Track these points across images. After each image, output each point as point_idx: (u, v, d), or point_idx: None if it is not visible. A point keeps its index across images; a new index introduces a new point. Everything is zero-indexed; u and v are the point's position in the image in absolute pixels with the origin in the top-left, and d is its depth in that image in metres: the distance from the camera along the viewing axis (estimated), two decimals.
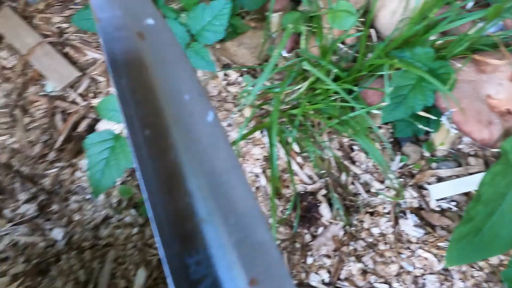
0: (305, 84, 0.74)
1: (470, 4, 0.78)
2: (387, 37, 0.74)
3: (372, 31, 0.88)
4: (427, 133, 0.85)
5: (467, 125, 0.62)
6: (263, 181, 0.80)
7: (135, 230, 0.75)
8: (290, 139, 0.78)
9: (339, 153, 0.84)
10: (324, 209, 0.78)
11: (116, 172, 0.63)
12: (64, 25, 0.97)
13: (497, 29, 0.80)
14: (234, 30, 0.88)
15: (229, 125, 0.84)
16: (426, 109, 0.69)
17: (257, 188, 0.79)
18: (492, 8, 0.60)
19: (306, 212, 0.78)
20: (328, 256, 0.74)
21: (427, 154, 0.83)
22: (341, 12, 0.79)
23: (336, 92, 0.77)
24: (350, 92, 0.75)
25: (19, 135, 0.82)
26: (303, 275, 0.74)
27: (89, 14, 0.86)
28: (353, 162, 0.84)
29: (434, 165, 0.82)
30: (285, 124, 0.78)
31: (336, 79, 0.77)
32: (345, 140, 0.85)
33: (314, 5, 0.86)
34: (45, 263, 0.70)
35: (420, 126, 0.72)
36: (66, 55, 0.93)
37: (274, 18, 0.90)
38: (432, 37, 0.73)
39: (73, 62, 0.93)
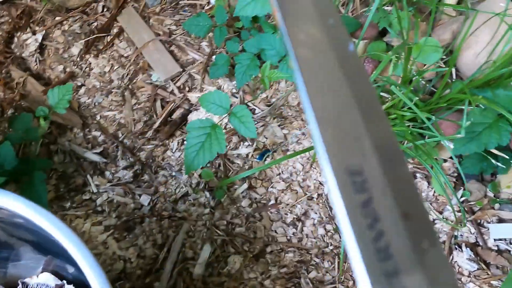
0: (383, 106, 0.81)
1: None
2: (470, 76, 0.79)
3: (453, 69, 0.93)
4: (493, 174, 0.87)
5: None
6: (326, 189, 0.87)
7: (206, 210, 0.85)
8: None
9: None
10: None
11: (209, 155, 0.73)
12: (173, 27, 1.13)
13: None
14: None
15: (303, 133, 0.92)
16: (499, 149, 0.72)
17: (319, 195, 0.86)
18: None
19: None
20: None
21: (490, 194, 0.85)
22: (427, 48, 0.85)
23: (411, 120, 0.83)
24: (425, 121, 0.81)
25: (126, 113, 0.98)
26: None
27: (198, 21, 1.01)
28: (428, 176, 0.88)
29: (496, 206, 0.83)
30: None
31: (411, 108, 0.82)
32: (410, 166, 0.89)
33: (401, 37, 0.93)
34: (132, 222, 0.82)
35: (494, 162, 0.74)
36: (172, 53, 1.09)
37: (360, 45, 0.98)
38: None
39: (177, 59, 1.08)
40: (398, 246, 0.15)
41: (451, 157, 0.90)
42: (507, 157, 0.71)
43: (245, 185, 0.87)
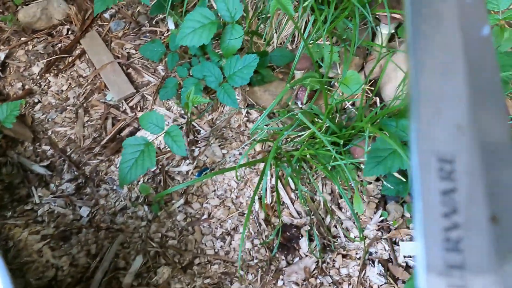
0: (306, 133, 0.89)
1: None
2: (384, 107, 0.88)
3: (377, 99, 1.02)
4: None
5: None
6: (257, 206, 0.93)
7: (143, 223, 0.90)
8: (287, 175, 0.91)
9: (329, 197, 0.95)
10: (303, 242, 0.88)
11: (141, 170, 0.80)
12: (133, 51, 1.21)
13: None
14: (262, 78, 1.06)
15: (240, 153, 0.99)
16: (402, 172, 0.80)
17: (251, 211, 0.92)
18: None
19: (287, 241, 0.89)
20: (297, 284, 0.84)
21: (408, 214, 0.92)
22: (349, 80, 0.94)
23: (334, 143, 0.91)
24: (344, 145, 0.89)
25: (77, 129, 1.04)
26: None
27: (152, 47, 1.10)
28: (340, 208, 0.95)
29: (411, 225, 0.90)
30: (285, 162, 0.92)
31: (334, 132, 0.90)
32: (336, 187, 0.97)
33: (329, 69, 1.02)
34: (69, 232, 0.87)
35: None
36: (128, 75, 1.16)
37: (297, 74, 1.07)
38: None
39: (133, 81, 1.15)
40: (473, 244, 0.15)
41: (377, 179, 0.98)
42: (404, 179, 0.79)
43: (182, 200, 0.93)
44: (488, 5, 0.94)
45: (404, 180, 0.87)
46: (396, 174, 0.86)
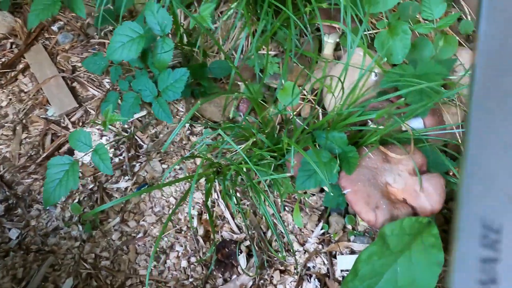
0: (243, 146, 0.87)
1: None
2: (320, 119, 0.86)
3: (320, 109, 1.01)
4: None
5: (357, 205, 0.70)
6: (195, 222, 0.91)
7: (77, 243, 0.87)
8: (223, 190, 0.89)
9: (271, 211, 0.94)
10: (241, 258, 0.86)
11: (64, 190, 0.77)
12: (79, 64, 1.18)
13: (419, 126, 0.90)
14: (205, 91, 1.04)
15: (181, 168, 0.97)
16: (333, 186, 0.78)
17: (188, 227, 0.90)
18: (379, 112, 0.71)
19: (225, 258, 0.86)
20: None
21: (349, 226, 0.91)
22: (287, 90, 0.93)
23: (270, 157, 0.89)
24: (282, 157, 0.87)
25: (13, 147, 1.00)
26: None
27: (95, 60, 1.07)
28: (282, 221, 0.93)
29: (352, 237, 0.89)
30: (226, 176, 0.90)
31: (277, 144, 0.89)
32: (279, 200, 0.95)
33: (268, 81, 1.01)
34: None
35: None
36: (73, 89, 1.13)
37: (242, 86, 1.06)
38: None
39: (77, 95, 1.13)
40: None
41: (321, 190, 0.97)
42: (332, 194, 0.78)
43: (118, 219, 0.90)
44: (422, 14, 0.94)
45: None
46: None
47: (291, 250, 0.87)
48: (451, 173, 0.87)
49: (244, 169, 0.87)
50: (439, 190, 0.72)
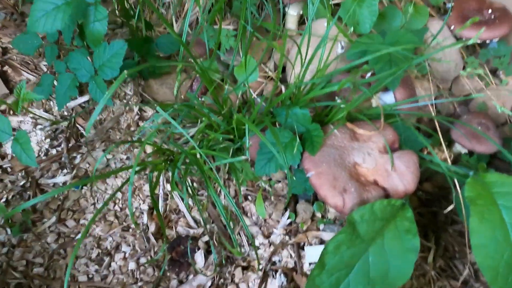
0: (194, 130, 0.76)
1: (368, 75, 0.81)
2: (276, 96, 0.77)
3: (283, 86, 0.92)
4: None
5: (322, 189, 0.62)
6: (145, 218, 0.80)
7: (4, 249, 0.74)
8: (173, 180, 0.79)
9: (233, 201, 0.84)
10: (199, 256, 0.76)
11: None
12: (10, 46, 1.03)
13: (391, 101, 0.82)
14: (154, 70, 0.92)
15: (128, 158, 0.86)
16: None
17: (137, 224, 0.79)
18: (343, 81, 0.62)
19: (180, 256, 0.76)
20: None
21: (319, 214, 0.82)
22: (249, 67, 0.83)
23: (228, 140, 0.79)
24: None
25: None
26: None
27: (25, 39, 0.93)
28: (245, 212, 0.84)
29: (322, 226, 0.81)
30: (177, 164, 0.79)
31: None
32: (243, 188, 0.85)
33: (228, 58, 0.90)
34: None
35: None
36: (3, 73, 0.99)
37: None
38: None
39: (8, 80, 0.98)
40: None
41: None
42: (295, 178, 0.69)
43: (54, 219, 0.78)
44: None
45: None
46: None
47: (252, 244, 0.78)
48: (426, 152, 0.80)
49: (198, 156, 0.77)
50: (412, 168, 0.65)
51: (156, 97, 0.97)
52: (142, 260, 0.76)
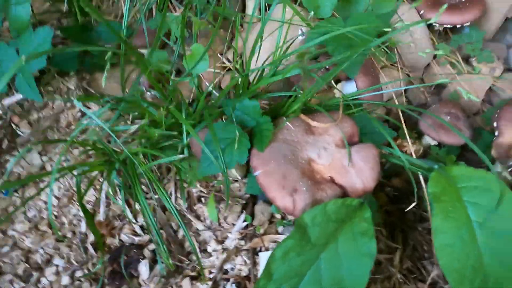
0: (134, 127, 0.68)
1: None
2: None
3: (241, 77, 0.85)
4: None
5: (270, 190, 0.55)
6: (83, 226, 0.71)
7: None
8: (111, 184, 0.71)
9: (186, 205, 0.76)
10: (143, 266, 0.69)
11: None
12: None
13: (352, 90, 0.75)
14: (98, 62, 0.84)
15: (67, 159, 0.77)
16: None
17: (74, 233, 0.71)
18: (290, 67, 0.55)
19: (123, 267, 0.68)
20: None
21: (278, 216, 0.75)
22: (194, 55, 0.75)
23: (173, 137, 0.71)
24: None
25: None
26: None
27: None
28: (198, 216, 0.76)
29: (281, 228, 0.74)
30: (113, 166, 0.71)
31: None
32: (195, 190, 0.78)
33: (179, 47, 0.82)
34: None
35: None
36: None
37: (145, 53, 0.86)
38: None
39: None
40: None
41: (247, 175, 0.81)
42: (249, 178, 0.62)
43: None
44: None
45: None
46: None
47: (196, 254, 0.70)
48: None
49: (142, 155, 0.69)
50: (371, 163, 0.58)
51: (103, 91, 0.89)
52: (78, 273, 0.67)
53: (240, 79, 0.83)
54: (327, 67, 0.76)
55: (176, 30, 0.82)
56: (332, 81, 0.77)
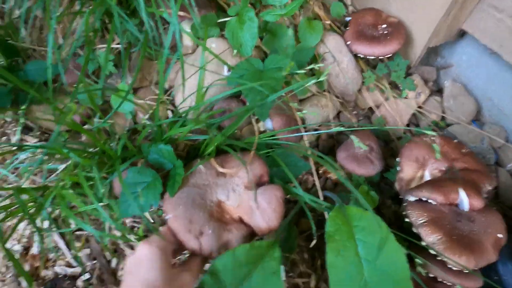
0: (62, 166, 0.72)
1: None
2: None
3: (169, 111, 0.89)
4: None
5: (179, 234, 0.60)
6: (20, 260, 0.75)
7: None
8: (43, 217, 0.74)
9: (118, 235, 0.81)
10: None
11: None
12: None
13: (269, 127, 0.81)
14: (32, 95, 0.86)
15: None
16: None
17: (7, 267, 0.74)
18: (192, 120, 0.60)
19: None
20: None
21: None
22: (120, 94, 0.79)
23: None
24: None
25: None
26: None
27: None
28: (131, 246, 0.81)
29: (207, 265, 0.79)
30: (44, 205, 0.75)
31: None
32: (128, 220, 0.82)
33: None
34: None
35: None
36: None
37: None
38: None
39: None
40: None
41: None
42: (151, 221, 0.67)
43: None
44: (268, 0, 0.84)
45: None
46: None
47: None
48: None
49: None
50: (274, 205, 0.64)
51: (40, 123, 0.91)
52: None
53: (170, 113, 0.87)
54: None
55: (105, 67, 0.85)
56: (253, 120, 0.82)
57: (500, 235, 0.64)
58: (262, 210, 0.63)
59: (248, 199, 0.65)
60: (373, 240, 0.61)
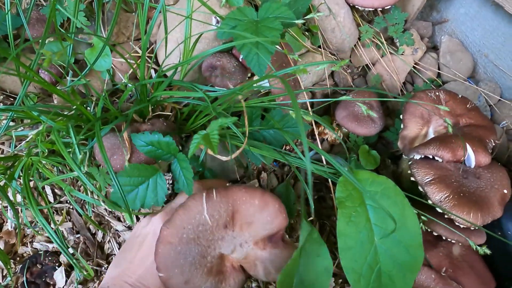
0: (32, 132, 0.63)
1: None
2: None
3: (152, 70, 0.80)
4: None
5: None
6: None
7: None
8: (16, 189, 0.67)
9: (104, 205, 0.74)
10: (59, 274, 0.68)
11: None
12: None
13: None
14: None
15: None
16: None
17: None
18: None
19: (36, 277, 0.67)
20: None
21: None
22: (95, 48, 0.69)
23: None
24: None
25: None
26: None
27: None
28: (117, 217, 0.75)
29: None
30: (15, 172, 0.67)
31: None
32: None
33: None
34: None
35: None
36: None
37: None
38: None
39: None
40: None
41: None
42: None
43: None
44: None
45: None
46: None
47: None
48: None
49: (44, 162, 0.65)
50: (280, 270, 0.55)
51: (4, 86, 0.81)
52: None
53: (154, 72, 0.78)
54: (240, 60, 0.73)
55: (75, 17, 0.74)
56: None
57: (505, 191, 0.63)
58: (267, 273, 0.57)
59: (255, 258, 0.56)
60: (386, 205, 0.57)
